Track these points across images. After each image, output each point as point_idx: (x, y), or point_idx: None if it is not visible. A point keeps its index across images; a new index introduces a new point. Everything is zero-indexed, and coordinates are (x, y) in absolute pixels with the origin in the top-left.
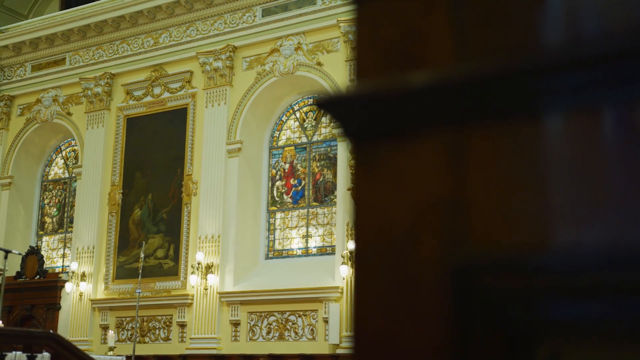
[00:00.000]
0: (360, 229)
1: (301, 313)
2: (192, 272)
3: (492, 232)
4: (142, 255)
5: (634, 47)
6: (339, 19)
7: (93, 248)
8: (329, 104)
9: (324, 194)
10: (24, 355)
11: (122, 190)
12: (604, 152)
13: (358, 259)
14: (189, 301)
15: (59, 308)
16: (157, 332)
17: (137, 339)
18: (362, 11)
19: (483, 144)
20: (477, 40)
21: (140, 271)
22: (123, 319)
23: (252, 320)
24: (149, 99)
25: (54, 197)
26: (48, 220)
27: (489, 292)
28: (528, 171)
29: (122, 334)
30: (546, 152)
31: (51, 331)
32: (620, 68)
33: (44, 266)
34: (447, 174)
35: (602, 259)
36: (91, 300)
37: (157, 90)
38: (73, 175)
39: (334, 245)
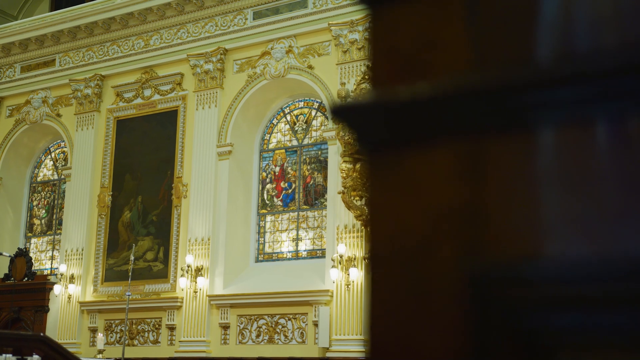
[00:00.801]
0: (376, 236)
1: (291, 316)
2: (182, 275)
3: (508, 240)
4: (132, 257)
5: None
6: (330, 22)
7: (82, 250)
8: (344, 112)
9: (314, 197)
10: (14, 358)
11: (111, 193)
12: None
13: (373, 267)
14: (179, 304)
15: (47, 310)
16: (146, 334)
17: (126, 342)
18: (377, 18)
19: (499, 153)
20: (494, 49)
21: (130, 274)
22: (112, 321)
23: (241, 323)
24: (139, 100)
25: (42, 199)
26: (37, 222)
27: (506, 301)
28: (543, 180)
29: (111, 337)
30: (561, 162)
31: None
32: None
33: (33, 268)
34: (463, 182)
35: (616, 269)
36: (80, 302)
37: (147, 92)
38: (62, 177)
39: (324, 249)
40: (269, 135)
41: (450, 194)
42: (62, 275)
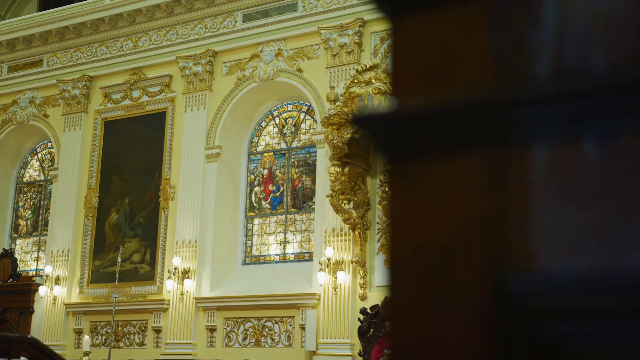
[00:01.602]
0: (397, 245)
1: (278, 319)
2: (169, 277)
3: (531, 251)
4: (119, 259)
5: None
6: (320, 26)
7: (68, 252)
8: (365, 121)
9: (302, 201)
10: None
11: (98, 194)
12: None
13: (393, 276)
14: (165, 306)
15: (32, 312)
16: (132, 337)
17: (112, 344)
18: (399, 28)
19: (522, 164)
20: (515, 62)
21: (117, 275)
22: (97, 323)
23: (228, 326)
24: (127, 102)
25: (28, 200)
26: (22, 222)
27: (529, 312)
28: (566, 192)
29: (97, 339)
30: (585, 173)
31: (29, 336)
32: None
33: (18, 269)
34: (486, 193)
35: (637, 281)
36: (65, 304)
37: (135, 94)
38: (49, 177)
39: (312, 252)
40: (257, 138)
41: (472, 205)
42: (47, 276)
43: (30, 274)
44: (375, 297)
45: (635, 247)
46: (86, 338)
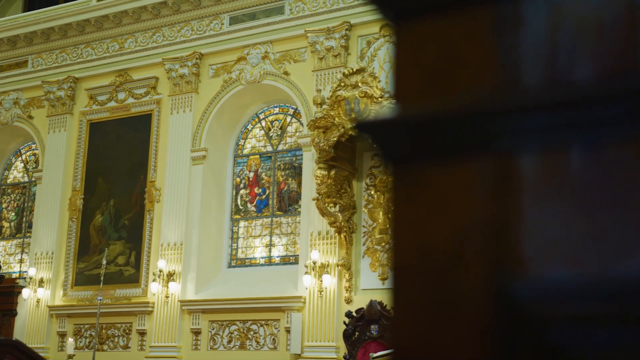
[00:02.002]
0: (400, 251)
1: (263, 322)
2: (154, 280)
3: (535, 257)
4: (104, 261)
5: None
6: (307, 29)
7: (52, 254)
8: (369, 127)
9: (288, 204)
10: None
11: (83, 196)
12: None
13: (397, 281)
14: (150, 309)
15: (15, 314)
16: (116, 339)
17: (96, 347)
18: (402, 33)
19: (527, 170)
20: (519, 69)
21: (102, 278)
22: (81, 326)
23: (213, 329)
24: (112, 104)
25: (12, 201)
26: (6, 224)
27: (532, 318)
28: (567, 199)
29: (80, 342)
30: (584, 181)
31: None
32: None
33: (1, 271)
34: (491, 198)
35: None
36: (49, 306)
37: (121, 96)
38: (33, 179)
39: (298, 255)
40: (243, 141)
41: (475, 210)
42: (31, 279)
43: (14, 276)
44: (361, 300)
45: (636, 253)
46: (70, 341)
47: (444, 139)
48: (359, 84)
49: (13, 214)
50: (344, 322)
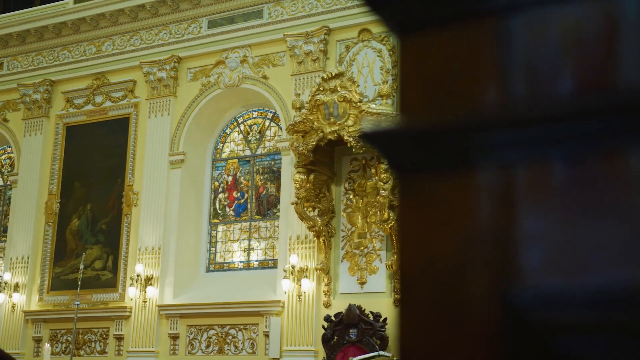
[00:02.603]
0: (406, 260)
1: (241, 327)
2: (131, 284)
3: (540, 266)
4: (81, 266)
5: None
6: (286, 33)
7: (27, 258)
8: (375, 137)
9: (266, 208)
10: None
11: (59, 200)
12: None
13: (403, 291)
14: (127, 314)
15: None
16: (93, 345)
17: (73, 352)
18: (407, 46)
19: (531, 179)
20: (522, 80)
21: (79, 282)
22: (57, 331)
23: (191, 333)
24: (90, 107)
25: None
26: None
27: (539, 327)
28: (573, 208)
29: (57, 347)
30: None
31: None
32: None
33: None
34: (495, 209)
35: None
36: (24, 312)
37: (98, 99)
38: (8, 183)
39: (276, 259)
40: (222, 145)
41: (480, 220)
42: (6, 283)
43: None
44: (340, 304)
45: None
46: (46, 346)
47: (448, 150)
48: (338, 89)
49: None
50: (323, 326)
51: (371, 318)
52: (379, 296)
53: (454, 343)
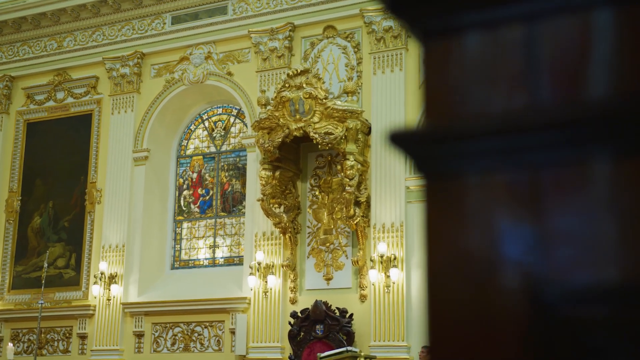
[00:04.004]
0: (434, 260)
1: (207, 324)
2: (95, 282)
3: (573, 263)
4: (45, 264)
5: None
6: (250, 29)
7: None
8: (402, 140)
9: (232, 204)
10: None
11: (20, 197)
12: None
13: (431, 290)
14: (91, 312)
15: None
16: (56, 344)
17: (35, 352)
18: (430, 52)
19: (555, 180)
20: (547, 86)
21: (43, 281)
22: (19, 330)
23: (156, 331)
24: (51, 103)
25: None
26: None
27: (569, 322)
28: (596, 207)
29: (18, 347)
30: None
31: None
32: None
33: None
34: (523, 207)
35: None
36: None
37: (60, 95)
38: None
39: (242, 256)
40: (186, 142)
41: (509, 218)
42: None
43: None
44: (306, 300)
45: None
46: (10, 346)
47: (474, 154)
48: (304, 85)
49: None
50: (289, 323)
51: (337, 314)
52: (345, 292)
53: (486, 338)
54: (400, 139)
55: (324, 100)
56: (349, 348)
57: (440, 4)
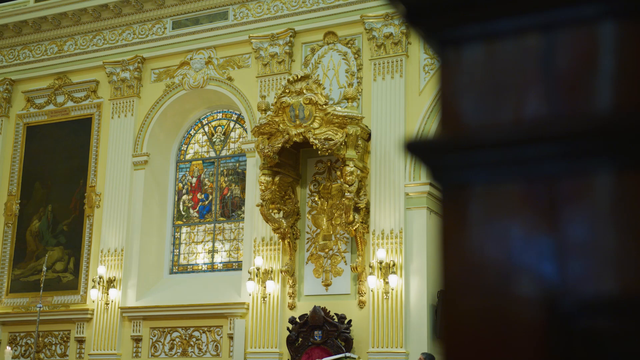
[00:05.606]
0: (450, 269)
1: (205, 329)
2: (93, 286)
3: (590, 273)
4: (44, 268)
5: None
6: (251, 35)
7: None
8: (418, 150)
9: (231, 209)
10: None
11: (19, 201)
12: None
13: (447, 300)
14: (89, 316)
15: None
16: (54, 347)
17: (34, 356)
18: (447, 61)
19: (572, 190)
20: (565, 97)
21: (42, 285)
22: (17, 334)
23: (154, 336)
24: (51, 107)
25: None
26: None
27: (587, 333)
28: (611, 218)
29: (16, 350)
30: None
31: None
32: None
33: None
34: (541, 217)
35: None
36: None
37: (60, 99)
38: None
39: (241, 261)
40: (186, 146)
41: (527, 228)
42: None
43: None
44: (304, 306)
45: None
46: (8, 349)
47: (490, 162)
48: (304, 91)
49: None
50: (288, 328)
51: (336, 320)
52: (343, 298)
53: (501, 350)
54: (417, 149)
55: (324, 106)
56: (348, 354)
57: (456, 14)
